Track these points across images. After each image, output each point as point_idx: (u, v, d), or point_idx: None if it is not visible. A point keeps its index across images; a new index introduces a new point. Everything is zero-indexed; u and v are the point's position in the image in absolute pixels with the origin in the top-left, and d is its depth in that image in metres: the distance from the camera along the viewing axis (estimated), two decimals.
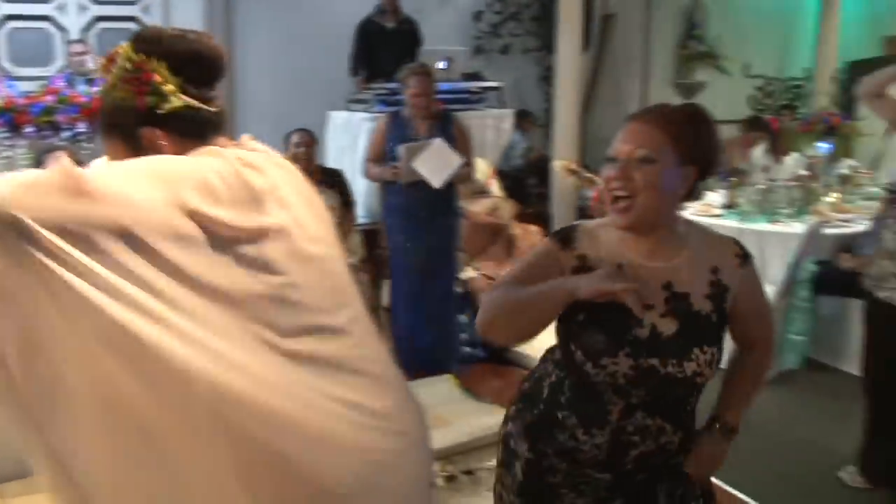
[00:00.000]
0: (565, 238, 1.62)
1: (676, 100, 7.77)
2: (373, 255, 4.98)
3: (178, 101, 1.28)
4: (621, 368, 1.51)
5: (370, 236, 5.07)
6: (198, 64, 1.32)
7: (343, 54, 6.20)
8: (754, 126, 5.80)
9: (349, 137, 5.67)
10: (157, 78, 1.27)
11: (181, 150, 1.28)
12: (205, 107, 1.32)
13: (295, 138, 4.67)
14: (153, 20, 6.54)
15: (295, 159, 4.51)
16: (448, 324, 4.38)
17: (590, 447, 1.59)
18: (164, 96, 1.28)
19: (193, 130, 1.31)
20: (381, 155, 4.32)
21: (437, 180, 4.15)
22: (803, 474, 3.38)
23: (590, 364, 1.54)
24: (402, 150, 4.17)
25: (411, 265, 4.34)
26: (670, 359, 1.52)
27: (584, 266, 1.58)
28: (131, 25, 6.46)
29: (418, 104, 4.21)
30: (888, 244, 2.95)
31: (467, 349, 4.44)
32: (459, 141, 4.24)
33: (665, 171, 1.50)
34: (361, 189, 5.41)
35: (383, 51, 6.06)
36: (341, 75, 6.12)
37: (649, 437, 1.58)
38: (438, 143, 4.17)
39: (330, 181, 4.71)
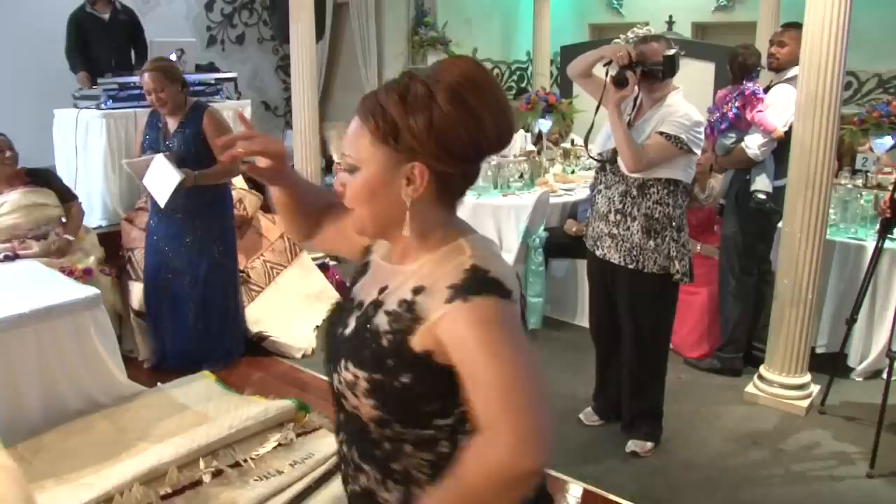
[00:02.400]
0: None
1: None
2: (116, 257, 4.72)
3: None
4: (326, 364, 1.34)
5: (110, 238, 4.81)
6: None
7: (62, 49, 5.75)
8: None
9: (79, 135, 5.30)
10: None
11: None
12: None
13: None
14: None
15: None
16: (209, 321, 4.27)
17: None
18: None
19: None
20: (139, 153, 4.17)
21: (161, 198, 3.97)
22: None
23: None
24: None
25: (166, 264, 4.19)
26: (329, 362, 1.31)
27: (368, 248, 1.43)
28: None
29: (152, 101, 4.05)
30: (600, 207, 3.33)
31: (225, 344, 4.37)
32: (210, 134, 4.02)
33: (370, 178, 1.23)
34: (98, 189, 5.10)
35: (101, 43, 5.67)
36: (64, 71, 5.68)
37: (350, 470, 1.35)
38: (159, 160, 3.98)
39: (41, 181, 4.43)
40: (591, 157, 3.39)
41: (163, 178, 3.97)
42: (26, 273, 3.82)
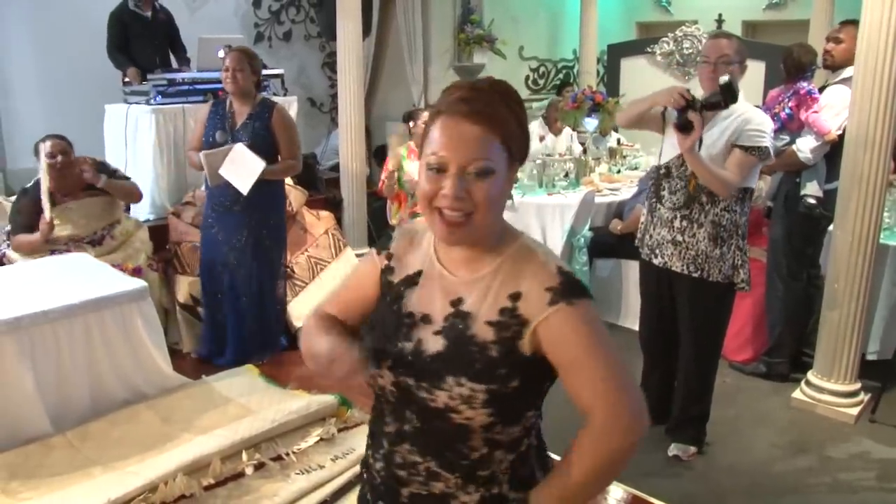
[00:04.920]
0: (386, 239, 1.48)
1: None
2: (163, 251, 4.80)
3: None
4: (386, 383, 1.34)
5: (158, 232, 4.89)
6: None
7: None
8: None
9: (128, 131, 5.40)
10: None
11: None
12: None
13: (47, 147, 4.18)
14: None
15: (52, 170, 4.15)
16: (257, 315, 4.32)
17: (376, 470, 1.44)
18: None
19: None
20: (200, 143, 4.22)
21: (244, 186, 4.05)
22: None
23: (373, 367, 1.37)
24: (202, 157, 4.07)
25: (221, 258, 4.25)
26: (423, 381, 1.29)
27: (389, 267, 1.43)
28: None
29: (226, 79, 4.10)
30: (664, 214, 3.25)
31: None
32: (277, 130, 4.13)
33: (502, 181, 1.27)
34: (147, 183, 5.19)
35: (143, 41, 5.75)
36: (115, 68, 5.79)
37: (418, 477, 1.36)
38: (238, 148, 4.05)
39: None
40: (659, 167, 3.30)
41: (244, 166, 4.03)
42: (77, 265, 3.90)
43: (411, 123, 4.93)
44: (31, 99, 6.23)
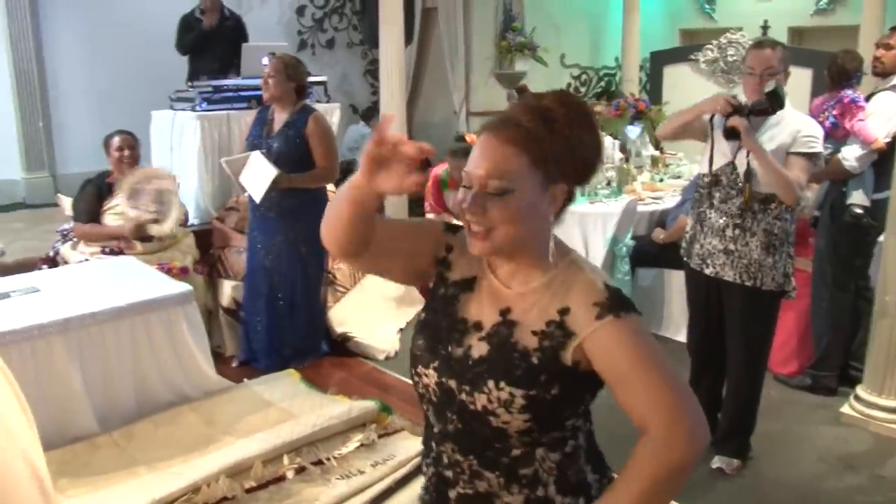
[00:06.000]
0: (454, 227, 1.48)
1: (497, 89, 8.09)
2: (207, 255, 4.86)
3: None
4: (430, 382, 1.38)
5: (202, 237, 4.95)
6: None
7: (162, 52, 5.97)
8: None
9: (173, 137, 5.49)
10: None
11: None
12: None
13: (116, 142, 4.45)
14: None
15: (119, 164, 4.35)
16: (295, 320, 4.35)
17: (428, 477, 1.47)
18: None
19: None
20: (243, 149, 4.31)
21: (257, 194, 4.09)
22: (629, 434, 3.65)
23: (413, 370, 1.42)
24: (223, 164, 4.17)
25: (259, 262, 4.30)
26: (465, 384, 1.32)
27: (446, 259, 1.44)
28: None
29: (263, 84, 4.18)
30: (714, 223, 3.20)
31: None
32: (311, 139, 4.14)
33: (525, 201, 1.27)
34: (192, 189, 5.26)
35: (205, 49, 5.91)
36: (163, 73, 5.90)
37: (463, 476, 1.38)
38: (255, 156, 4.11)
39: None
40: (707, 174, 3.24)
41: (258, 174, 4.07)
42: (124, 268, 3.97)
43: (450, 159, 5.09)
44: (80, 106, 6.39)
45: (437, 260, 1.45)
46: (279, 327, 4.30)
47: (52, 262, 4.43)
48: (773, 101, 2.95)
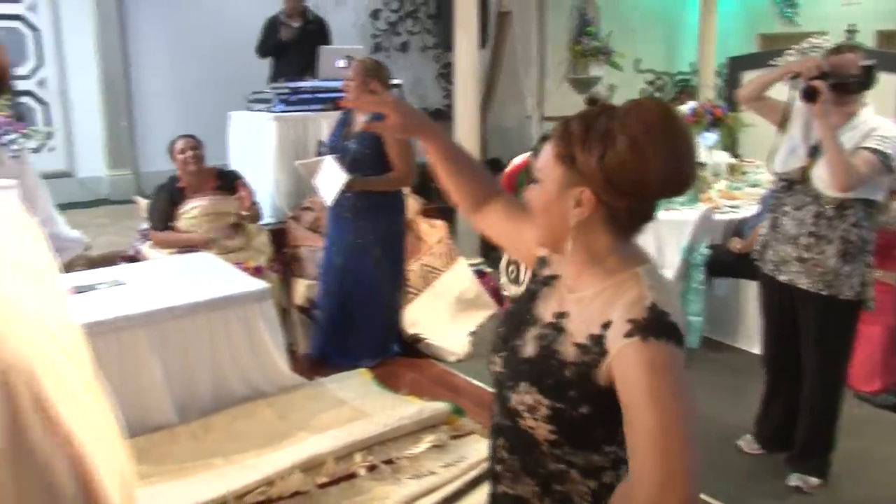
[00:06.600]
0: None
1: (571, 94, 8.04)
2: (281, 254, 4.95)
3: None
4: (497, 371, 1.41)
5: (277, 236, 5.04)
6: None
7: (240, 54, 6.11)
8: None
9: (251, 137, 5.61)
10: None
11: None
12: None
13: (179, 145, 4.53)
14: (40, 20, 6.27)
15: (184, 166, 4.45)
16: (369, 320, 4.40)
17: (490, 471, 1.49)
18: None
19: None
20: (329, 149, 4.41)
21: (329, 197, 4.19)
22: (704, 445, 3.57)
23: (489, 357, 1.45)
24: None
25: (334, 262, 4.37)
26: (509, 379, 1.35)
27: (545, 257, 1.47)
28: (17, 24, 6.18)
29: (345, 88, 4.28)
30: (788, 230, 3.14)
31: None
32: (387, 142, 4.16)
33: (546, 193, 1.31)
34: (267, 188, 5.37)
35: (289, 51, 6.05)
36: (241, 75, 6.04)
37: (508, 473, 1.40)
38: (328, 161, 4.20)
39: (227, 185, 4.65)
40: (776, 175, 3.20)
41: (331, 178, 4.15)
42: (202, 264, 4.08)
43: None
44: (162, 106, 6.58)
45: (537, 257, 1.49)
46: (351, 327, 4.35)
47: (133, 260, 4.57)
48: (864, 78, 2.91)
